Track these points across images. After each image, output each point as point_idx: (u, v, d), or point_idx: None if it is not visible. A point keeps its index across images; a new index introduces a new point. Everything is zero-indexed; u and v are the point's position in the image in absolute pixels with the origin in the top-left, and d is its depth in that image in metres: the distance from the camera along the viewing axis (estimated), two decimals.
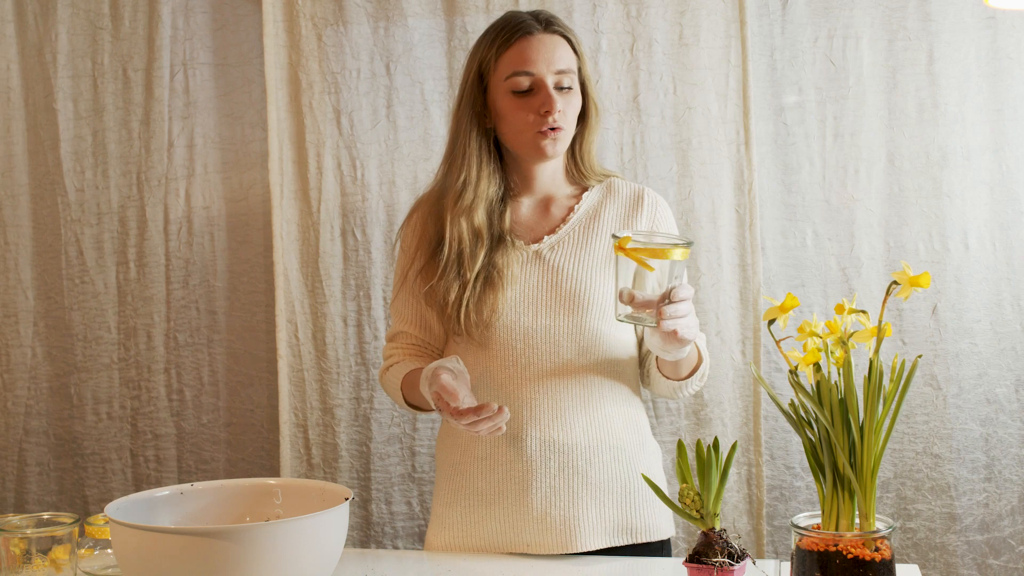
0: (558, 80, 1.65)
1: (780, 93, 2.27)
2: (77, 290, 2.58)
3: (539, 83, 1.64)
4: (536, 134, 1.65)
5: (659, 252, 1.45)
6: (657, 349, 1.56)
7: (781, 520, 2.28)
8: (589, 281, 1.66)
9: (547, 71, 1.64)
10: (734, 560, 1.26)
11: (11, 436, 2.62)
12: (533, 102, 1.65)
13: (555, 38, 1.67)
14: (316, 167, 2.43)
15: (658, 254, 1.45)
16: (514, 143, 1.69)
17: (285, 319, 2.43)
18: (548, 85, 1.64)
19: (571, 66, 1.67)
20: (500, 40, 1.67)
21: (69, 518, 1.47)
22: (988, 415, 2.22)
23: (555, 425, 1.64)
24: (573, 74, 1.67)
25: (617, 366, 1.69)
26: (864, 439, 1.24)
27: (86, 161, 2.57)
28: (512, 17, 1.69)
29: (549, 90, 1.64)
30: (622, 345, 1.70)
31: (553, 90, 1.64)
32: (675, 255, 1.45)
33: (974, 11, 2.20)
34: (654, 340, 1.54)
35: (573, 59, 1.68)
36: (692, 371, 1.67)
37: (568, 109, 1.66)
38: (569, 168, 1.77)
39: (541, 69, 1.64)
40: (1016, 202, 2.21)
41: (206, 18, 2.52)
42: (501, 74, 1.66)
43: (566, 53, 1.67)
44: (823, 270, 2.26)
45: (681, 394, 1.71)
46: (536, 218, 1.74)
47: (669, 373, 1.67)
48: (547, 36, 1.66)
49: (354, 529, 2.43)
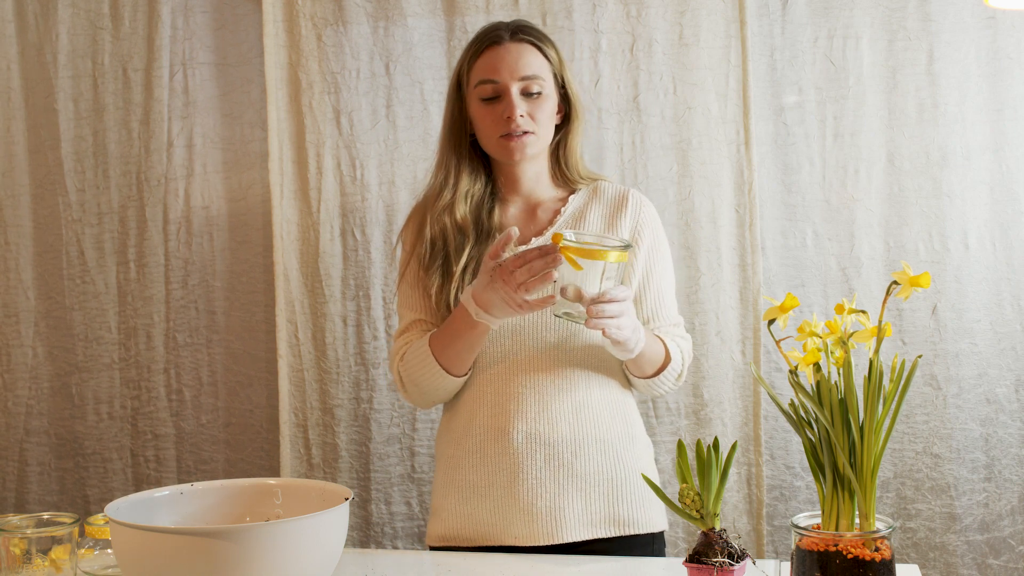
0: (524, 86, 1.72)
1: (780, 93, 2.27)
2: (78, 290, 2.58)
3: (503, 90, 1.72)
4: (501, 139, 1.72)
5: (592, 253, 1.49)
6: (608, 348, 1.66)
7: (781, 520, 2.28)
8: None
9: (510, 78, 1.71)
10: (734, 560, 1.26)
11: (12, 436, 2.62)
12: (498, 108, 1.72)
13: (522, 46, 1.73)
14: (316, 167, 2.43)
15: (591, 255, 1.49)
16: (487, 147, 1.77)
17: (285, 319, 2.43)
18: (511, 92, 1.71)
19: (539, 72, 1.73)
20: (472, 50, 1.76)
21: (69, 518, 1.47)
22: (988, 415, 2.22)
23: (541, 419, 1.69)
24: (542, 80, 1.73)
25: (604, 362, 1.74)
26: (864, 439, 1.24)
27: (86, 161, 2.57)
28: (487, 28, 1.77)
29: (511, 97, 1.71)
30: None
31: (517, 97, 1.71)
32: (610, 257, 1.49)
33: (974, 11, 2.20)
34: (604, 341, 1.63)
35: (544, 65, 1.74)
36: (658, 370, 1.73)
37: (537, 113, 1.72)
38: (554, 171, 1.83)
39: (504, 77, 1.71)
40: (1016, 202, 2.21)
41: (206, 18, 2.52)
42: (472, 82, 1.75)
43: (534, 59, 1.73)
44: (823, 270, 2.26)
45: (655, 391, 1.77)
46: (524, 220, 1.80)
47: (633, 371, 1.74)
48: (513, 44, 1.73)
49: (354, 529, 2.43)
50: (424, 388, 1.75)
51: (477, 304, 1.61)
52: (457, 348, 1.68)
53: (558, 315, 1.56)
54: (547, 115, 1.74)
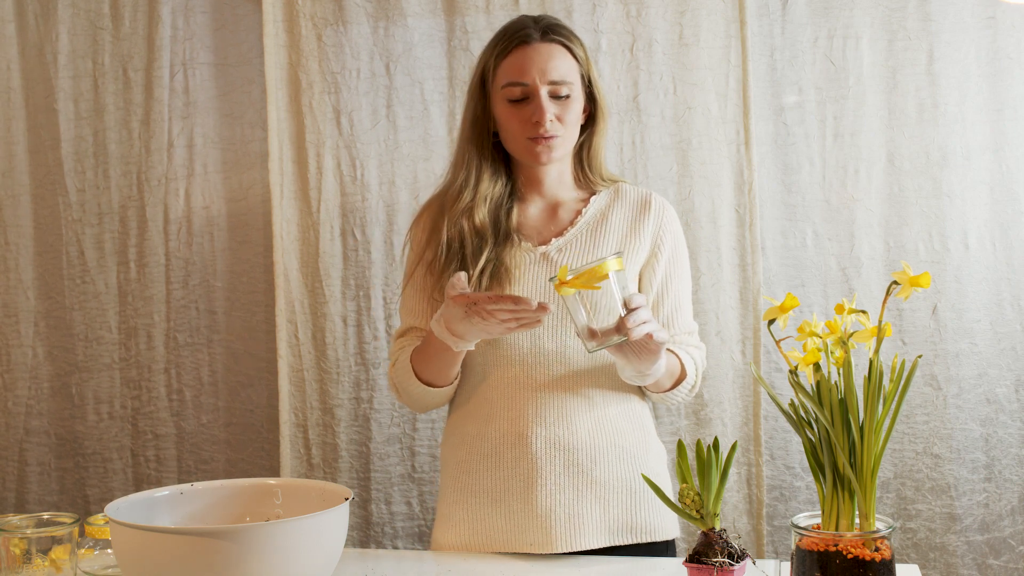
0: (553, 90, 1.66)
1: (780, 93, 2.27)
2: (78, 290, 2.58)
3: (532, 92, 1.66)
4: (528, 141, 1.67)
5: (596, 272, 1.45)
6: (631, 377, 1.61)
7: (781, 520, 2.28)
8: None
9: (540, 81, 1.65)
10: (734, 560, 1.26)
11: (12, 436, 2.62)
12: (526, 111, 1.67)
13: (552, 47, 1.67)
14: (316, 167, 2.43)
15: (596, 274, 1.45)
16: (512, 148, 1.72)
17: (285, 319, 2.44)
18: (541, 95, 1.65)
19: (568, 75, 1.67)
20: (500, 48, 1.69)
21: (69, 518, 1.47)
22: (988, 415, 2.22)
23: (560, 424, 1.65)
24: (571, 83, 1.67)
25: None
26: (864, 439, 1.24)
27: (87, 161, 2.57)
28: (514, 24, 1.71)
29: (541, 100, 1.65)
30: None
31: (546, 100, 1.65)
32: (611, 267, 1.45)
33: (974, 11, 2.20)
34: (626, 370, 1.58)
35: (573, 66, 1.69)
36: (673, 384, 1.70)
37: (566, 116, 1.67)
38: (577, 172, 1.79)
39: (534, 79, 1.66)
40: (1016, 202, 2.21)
41: (206, 18, 2.52)
42: (499, 82, 1.69)
43: (563, 62, 1.67)
44: (823, 270, 2.26)
45: (668, 402, 1.74)
46: (544, 221, 1.75)
47: (651, 387, 1.70)
48: (544, 45, 1.67)
49: (354, 529, 2.43)
50: (414, 397, 1.73)
51: (453, 335, 1.57)
52: (438, 366, 1.66)
53: (592, 351, 1.51)
54: (575, 118, 1.69)
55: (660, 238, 1.74)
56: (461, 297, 1.51)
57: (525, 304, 1.46)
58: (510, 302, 1.47)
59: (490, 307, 1.48)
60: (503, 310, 1.48)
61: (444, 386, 1.70)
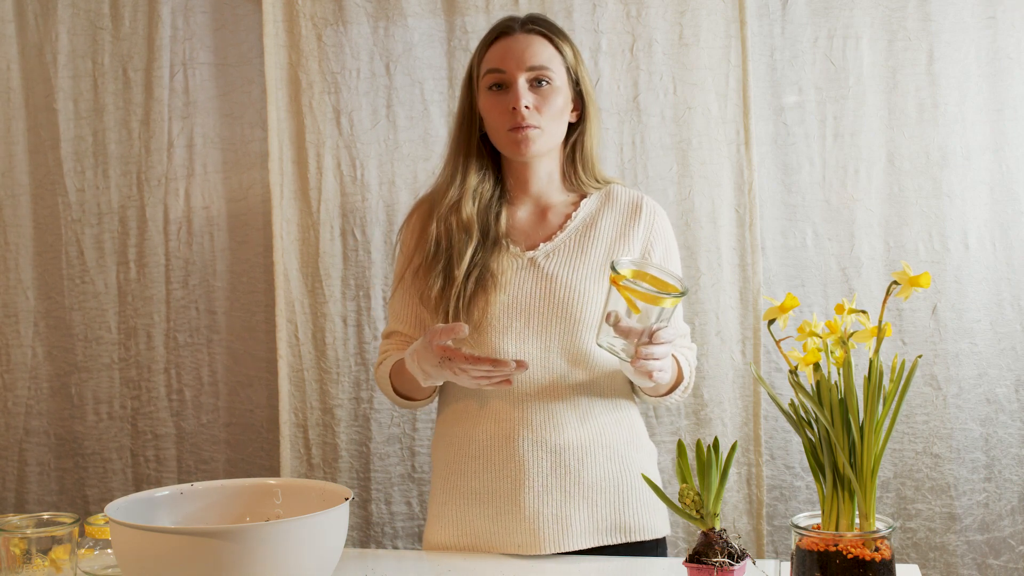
0: (531, 76, 1.67)
1: (780, 93, 2.27)
2: (78, 290, 2.58)
3: (510, 80, 1.67)
4: (509, 132, 1.67)
5: (651, 298, 1.44)
6: (629, 375, 1.61)
7: (781, 520, 2.28)
8: (583, 290, 1.66)
9: (517, 68, 1.66)
10: (734, 560, 1.26)
11: (11, 436, 2.62)
12: (505, 99, 1.67)
13: (531, 37, 1.69)
14: (316, 167, 2.43)
15: (650, 300, 1.44)
16: (495, 141, 1.72)
17: (285, 319, 2.43)
18: (518, 82, 1.66)
19: (547, 63, 1.68)
20: (484, 42, 1.73)
21: (69, 518, 1.47)
22: (988, 415, 2.22)
23: (547, 426, 1.65)
24: (551, 71, 1.68)
25: (609, 368, 1.70)
26: (864, 439, 1.24)
27: (86, 161, 2.57)
28: (500, 21, 1.74)
29: (517, 87, 1.66)
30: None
31: (523, 87, 1.66)
32: (666, 303, 1.44)
33: (974, 11, 2.20)
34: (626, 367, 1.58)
35: (554, 56, 1.69)
36: (671, 389, 1.70)
37: (545, 106, 1.67)
38: (567, 173, 1.78)
39: (511, 66, 1.67)
40: (1016, 202, 2.21)
41: (206, 18, 2.52)
42: (481, 72, 1.71)
43: (542, 50, 1.68)
44: (823, 270, 2.26)
45: (664, 404, 1.74)
46: (532, 225, 1.74)
47: (648, 391, 1.70)
48: (523, 35, 1.69)
49: (354, 529, 2.43)
50: (397, 403, 1.77)
51: (423, 372, 1.58)
52: (413, 386, 1.69)
53: (601, 345, 1.51)
54: (555, 110, 1.68)
55: (650, 244, 1.74)
56: (440, 348, 1.52)
57: (503, 365, 1.48)
58: (488, 364, 1.49)
59: (465, 366, 1.50)
60: (478, 370, 1.50)
61: (421, 399, 1.74)
